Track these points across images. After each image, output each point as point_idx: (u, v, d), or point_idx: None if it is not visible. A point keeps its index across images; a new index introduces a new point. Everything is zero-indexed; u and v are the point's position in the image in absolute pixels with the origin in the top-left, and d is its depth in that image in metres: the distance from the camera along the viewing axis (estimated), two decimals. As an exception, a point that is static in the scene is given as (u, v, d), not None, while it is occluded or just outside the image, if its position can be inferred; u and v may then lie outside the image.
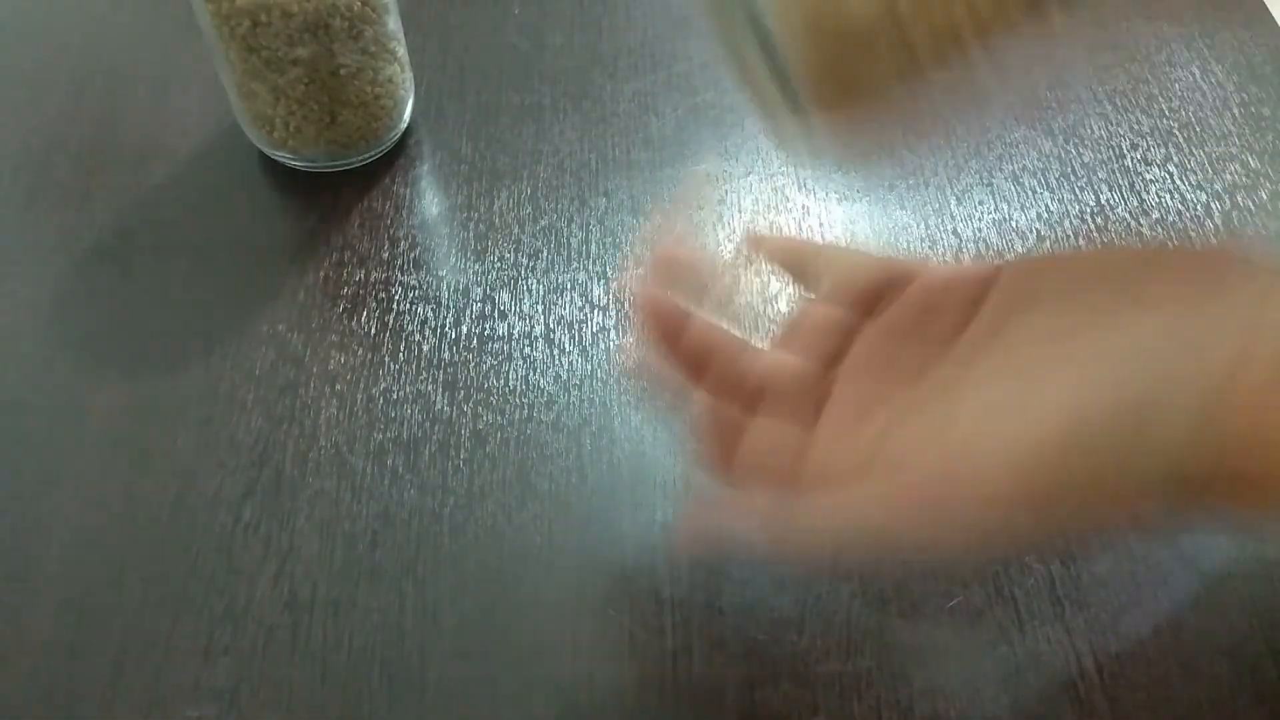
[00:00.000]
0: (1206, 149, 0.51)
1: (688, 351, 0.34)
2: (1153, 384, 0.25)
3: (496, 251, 0.48)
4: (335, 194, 0.50)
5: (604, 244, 0.48)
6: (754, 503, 0.32)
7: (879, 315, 0.33)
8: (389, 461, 0.42)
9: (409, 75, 0.51)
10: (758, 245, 0.37)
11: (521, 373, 0.44)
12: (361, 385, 0.44)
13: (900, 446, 0.29)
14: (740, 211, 0.49)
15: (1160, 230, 0.48)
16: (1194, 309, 0.26)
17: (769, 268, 0.36)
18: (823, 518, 0.29)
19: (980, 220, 0.48)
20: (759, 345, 0.35)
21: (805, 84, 0.28)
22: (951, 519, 0.27)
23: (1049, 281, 0.30)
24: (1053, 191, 0.49)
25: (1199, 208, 0.49)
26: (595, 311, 0.46)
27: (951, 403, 0.29)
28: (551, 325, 0.45)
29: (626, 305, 0.35)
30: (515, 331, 0.45)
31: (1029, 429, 0.26)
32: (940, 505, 0.27)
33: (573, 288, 0.47)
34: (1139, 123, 0.52)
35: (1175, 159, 0.51)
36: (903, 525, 0.28)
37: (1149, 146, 0.51)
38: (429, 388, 0.44)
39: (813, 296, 0.35)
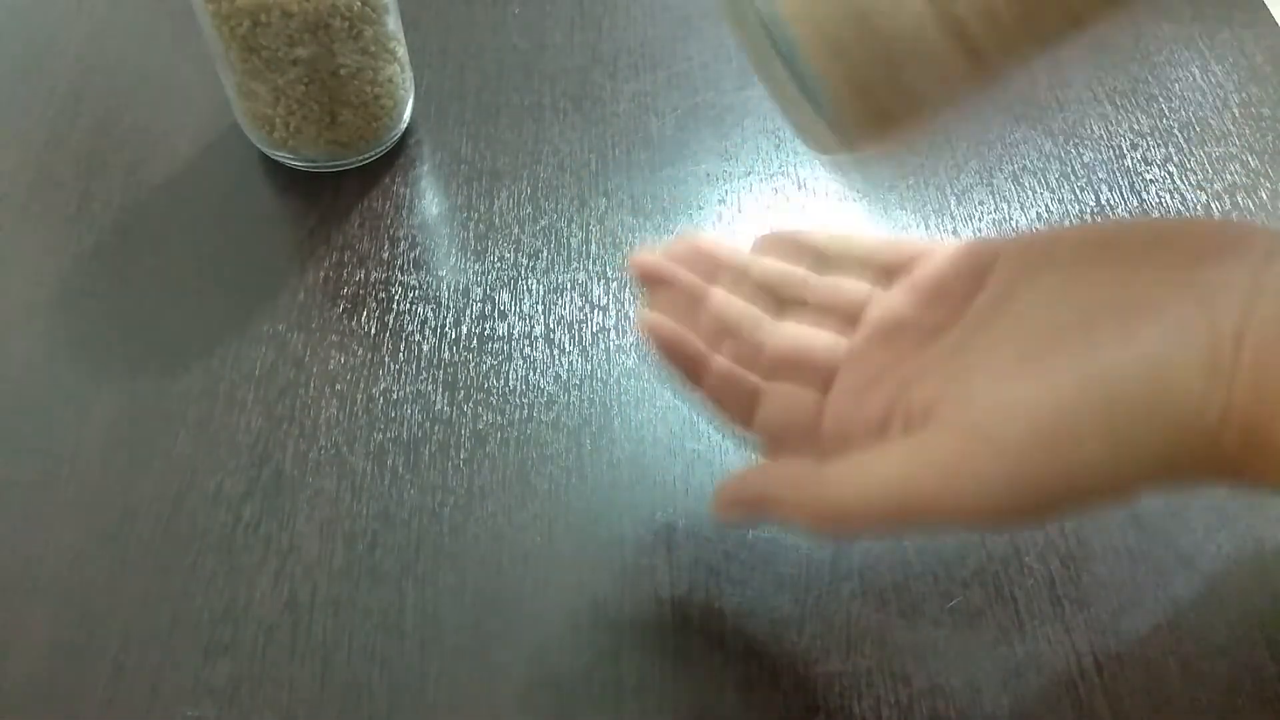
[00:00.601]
0: (1206, 149, 0.51)
1: (705, 325, 0.35)
2: (1163, 344, 0.26)
3: (496, 251, 0.48)
4: (335, 194, 0.50)
5: (604, 244, 0.48)
6: (790, 472, 0.32)
7: (890, 289, 0.34)
8: (389, 461, 0.42)
9: (409, 75, 0.51)
10: (770, 246, 0.37)
11: (521, 373, 0.44)
12: (361, 385, 0.44)
13: (916, 407, 0.30)
14: (740, 211, 0.49)
15: (1160, 230, 0.48)
16: (1199, 273, 0.27)
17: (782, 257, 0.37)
18: (847, 478, 0.30)
19: (980, 220, 0.48)
20: (773, 320, 0.36)
21: (839, 110, 0.27)
22: (972, 473, 0.27)
23: (1054, 252, 0.30)
24: (1053, 191, 0.49)
25: (1199, 208, 0.49)
26: (595, 311, 0.46)
27: (964, 364, 0.29)
28: (551, 325, 0.45)
29: (638, 278, 0.36)
30: (515, 331, 0.45)
31: (1045, 389, 0.27)
32: (961, 458, 0.27)
33: (573, 288, 0.47)
34: (1139, 123, 0.52)
35: (1175, 159, 0.51)
36: (925, 481, 0.28)
37: (1149, 146, 0.51)
38: (429, 388, 0.44)
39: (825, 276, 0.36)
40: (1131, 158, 0.51)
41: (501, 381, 0.44)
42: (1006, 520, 0.28)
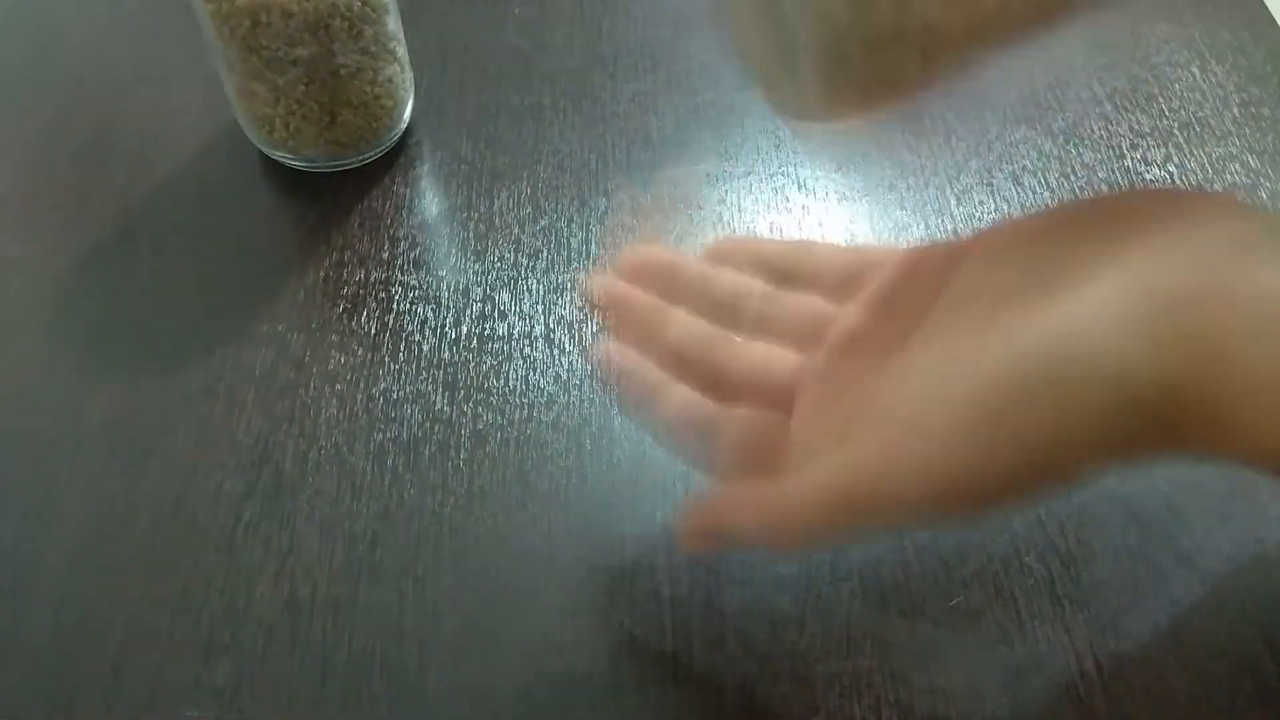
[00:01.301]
0: (1206, 149, 0.51)
1: (667, 348, 0.34)
2: (1088, 313, 0.25)
3: (496, 251, 0.48)
4: (335, 194, 0.50)
5: (604, 244, 0.48)
6: (743, 493, 0.31)
7: (852, 299, 0.33)
8: (389, 461, 0.42)
9: (409, 75, 0.51)
10: (725, 255, 0.36)
11: (521, 373, 0.44)
12: (361, 385, 0.44)
13: (861, 411, 0.29)
14: (740, 211, 0.49)
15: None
16: (1127, 242, 0.26)
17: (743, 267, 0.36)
18: (796, 486, 0.29)
19: (980, 220, 0.48)
20: (736, 338, 0.34)
21: (818, 87, 0.27)
22: (909, 462, 0.26)
23: (1018, 241, 0.29)
24: (1053, 191, 0.49)
25: (1199, 208, 0.49)
26: (595, 311, 0.46)
27: (905, 360, 0.28)
28: (551, 325, 0.45)
29: (595, 305, 0.35)
30: (515, 331, 0.45)
31: (970, 370, 0.26)
32: (899, 448, 0.27)
33: (573, 288, 0.46)
34: (1139, 123, 0.52)
35: (1175, 159, 0.51)
36: (865, 474, 0.27)
37: (1149, 146, 0.51)
38: (429, 388, 0.44)
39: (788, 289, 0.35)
40: (1131, 158, 0.51)
41: (501, 381, 0.44)
42: (953, 508, 0.27)
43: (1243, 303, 0.24)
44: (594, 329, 0.45)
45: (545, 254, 0.48)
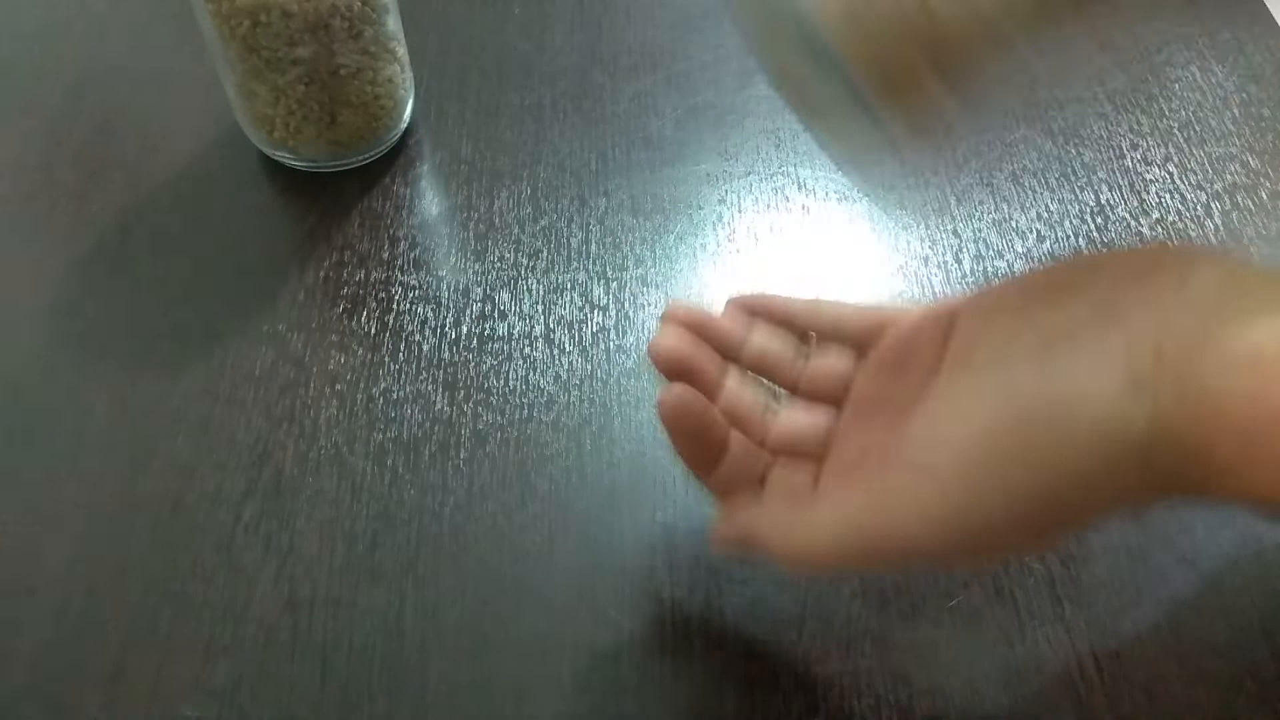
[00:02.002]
0: (1206, 149, 0.51)
1: (723, 407, 0.35)
2: (1080, 367, 0.26)
3: (496, 251, 0.48)
4: (335, 194, 0.50)
5: (604, 244, 0.48)
6: (768, 512, 0.34)
7: (867, 359, 0.35)
8: (389, 461, 0.42)
9: (409, 75, 0.51)
10: (747, 308, 0.37)
11: (521, 373, 0.44)
12: (361, 385, 0.44)
13: (880, 466, 0.31)
14: (740, 212, 0.49)
15: (1160, 230, 0.48)
16: (1117, 300, 0.27)
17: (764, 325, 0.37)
18: (815, 520, 0.31)
19: (980, 220, 0.48)
20: (774, 402, 0.36)
21: (865, 80, 0.28)
22: (915, 505, 0.28)
23: (1000, 305, 0.31)
24: (1053, 191, 0.49)
25: (1199, 208, 0.49)
26: (595, 311, 0.46)
27: (919, 418, 0.30)
28: (551, 325, 0.45)
29: (665, 362, 0.35)
30: (515, 331, 0.45)
31: (968, 420, 0.28)
32: (904, 492, 0.29)
33: (573, 288, 0.47)
34: (1139, 123, 0.52)
35: (1175, 159, 0.51)
36: (876, 516, 0.29)
37: (1149, 146, 0.51)
38: (429, 388, 0.44)
39: (807, 347, 0.37)
40: (1131, 158, 0.51)
41: (501, 381, 0.44)
42: (959, 553, 0.29)
43: (1229, 355, 0.25)
44: (594, 329, 0.45)
45: (545, 254, 0.48)
